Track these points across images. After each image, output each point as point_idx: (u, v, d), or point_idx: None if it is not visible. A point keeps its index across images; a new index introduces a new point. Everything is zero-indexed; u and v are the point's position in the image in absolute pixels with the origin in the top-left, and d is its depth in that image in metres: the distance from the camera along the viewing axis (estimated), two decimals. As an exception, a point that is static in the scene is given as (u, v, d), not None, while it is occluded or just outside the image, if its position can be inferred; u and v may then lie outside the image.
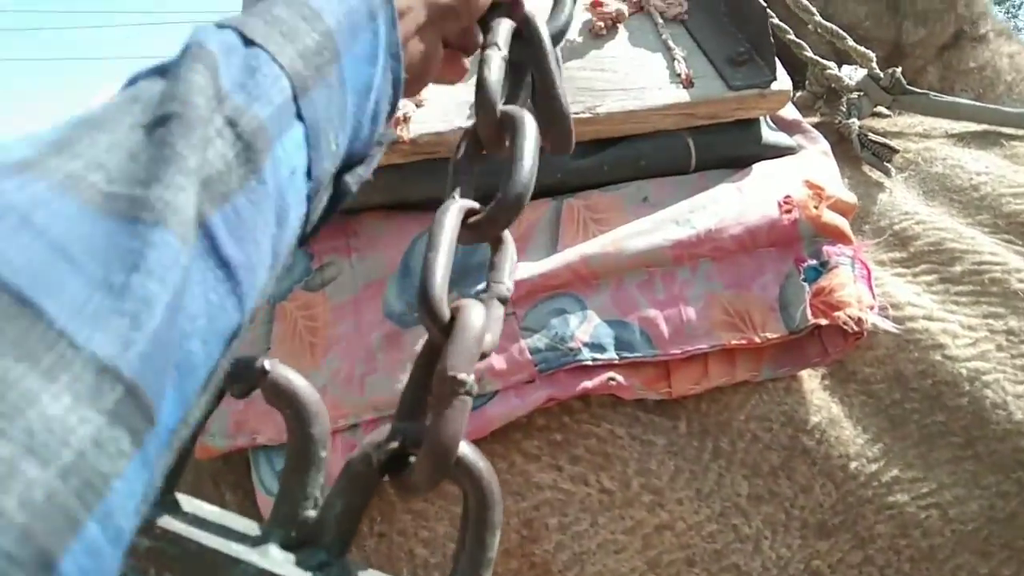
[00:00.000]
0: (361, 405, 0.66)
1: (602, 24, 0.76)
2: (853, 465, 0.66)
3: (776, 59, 0.72)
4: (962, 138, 0.82)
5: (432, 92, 0.70)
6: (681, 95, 0.71)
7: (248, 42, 0.31)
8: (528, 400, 0.65)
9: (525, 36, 0.51)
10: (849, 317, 0.63)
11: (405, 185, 0.71)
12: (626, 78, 0.72)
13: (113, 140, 0.25)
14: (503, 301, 0.44)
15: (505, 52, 0.49)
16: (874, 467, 0.66)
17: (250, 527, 0.38)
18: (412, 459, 0.37)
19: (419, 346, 0.43)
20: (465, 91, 0.70)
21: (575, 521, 0.65)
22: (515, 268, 0.48)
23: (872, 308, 0.64)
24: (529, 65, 0.52)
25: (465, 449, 0.36)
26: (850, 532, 0.66)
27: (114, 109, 0.27)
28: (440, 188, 0.69)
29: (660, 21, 0.77)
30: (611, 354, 0.65)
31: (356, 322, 0.69)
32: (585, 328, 0.66)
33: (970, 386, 0.66)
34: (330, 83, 0.34)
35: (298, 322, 0.70)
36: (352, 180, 0.41)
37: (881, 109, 0.84)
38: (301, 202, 0.33)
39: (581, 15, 0.78)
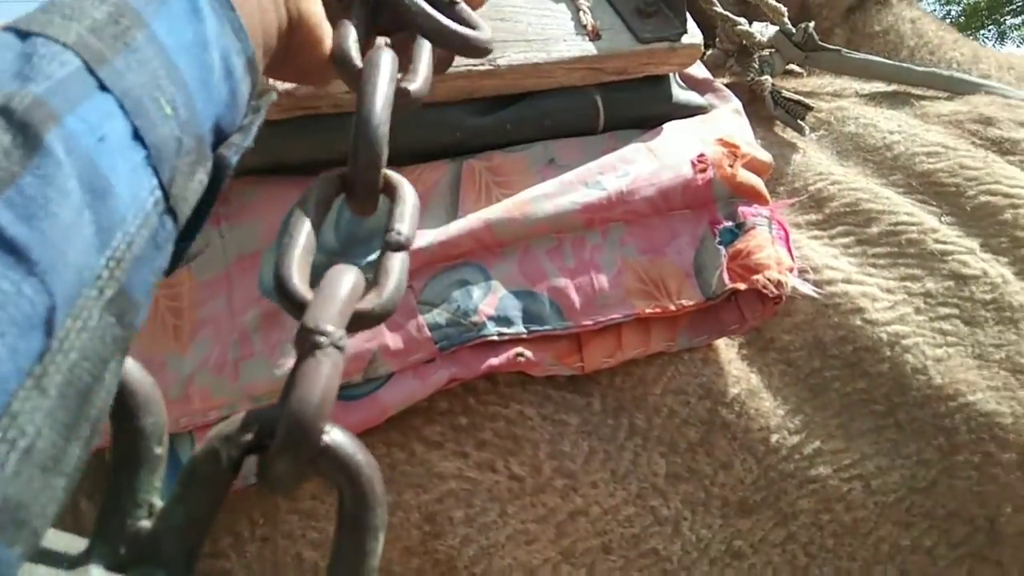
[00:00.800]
0: (236, 394, 0.58)
1: (501, -28, 0.70)
2: (774, 438, 0.62)
3: (686, 12, 0.68)
4: (873, 97, 0.80)
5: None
6: (588, 48, 0.66)
7: (23, 35, 0.29)
8: (428, 382, 0.58)
9: None
10: (768, 281, 0.59)
11: (282, 145, 0.63)
12: (529, 29, 0.66)
13: None
14: (399, 248, 0.38)
15: None
16: (795, 439, 0.62)
17: (73, 544, 0.30)
18: None
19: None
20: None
21: (482, 512, 0.59)
22: (416, 215, 0.42)
23: (792, 271, 0.61)
24: None
25: (337, 436, 0.30)
26: (772, 509, 0.63)
27: None
28: (322, 148, 0.62)
29: (564, -31, 0.72)
30: (519, 328, 0.59)
31: (228, 300, 0.60)
32: (490, 300, 0.60)
33: (890, 351, 0.64)
34: (137, 47, 0.32)
35: (159, 303, 0.61)
36: (229, 152, 0.37)
37: (793, 67, 0.81)
38: (135, 168, 0.30)
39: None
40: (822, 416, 0.64)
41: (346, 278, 0.34)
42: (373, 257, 0.60)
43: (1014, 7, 8.39)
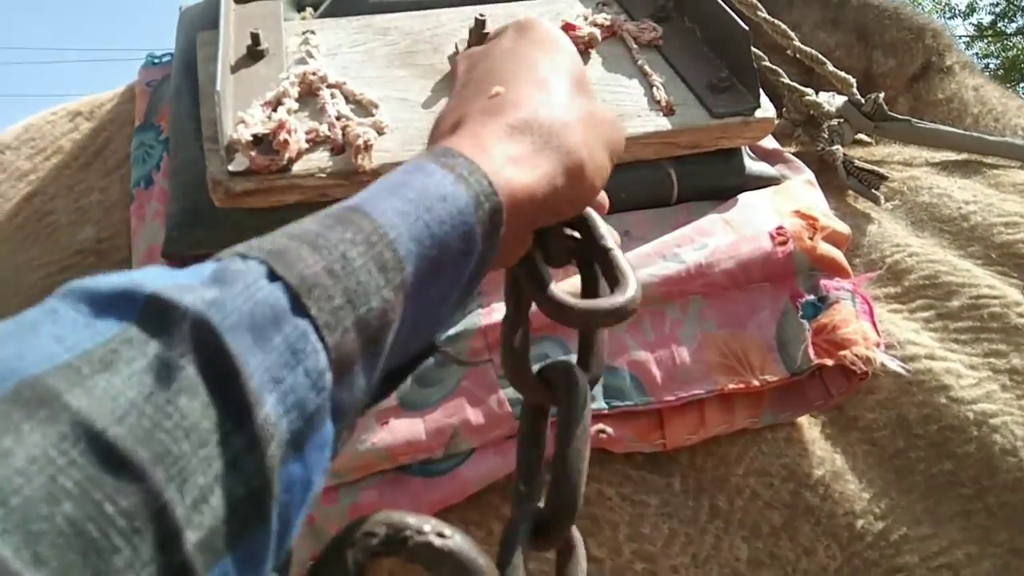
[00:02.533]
0: None
1: (574, 48, 0.71)
2: (859, 523, 0.60)
3: (759, 87, 0.68)
4: (944, 167, 0.79)
5: (394, 118, 0.63)
6: (662, 123, 0.66)
7: (296, 304, 0.25)
8: (510, 459, 0.57)
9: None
10: (856, 357, 0.58)
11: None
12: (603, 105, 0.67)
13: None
14: None
15: None
16: (881, 525, 0.60)
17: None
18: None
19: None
20: (430, 118, 0.64)
21: (564, 596, 0.57)
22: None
23: (878, 346, 0.60)
24: None
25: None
26: (859, 598, 0.60)
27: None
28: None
29: (634, 46, 0.73)
30: (600, 403, 0.58)
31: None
32: (570, 375, 0.59)
33: (978, 431, 0.62)
34: (381, 351, 0.28)
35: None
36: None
37: (862, 137, 0.81)
38: (325, 460, 0.27)
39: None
40: (907, 500, 0.62)
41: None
42: None
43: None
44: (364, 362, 0.27)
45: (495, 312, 0.61)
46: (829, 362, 0.58)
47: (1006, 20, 9.25)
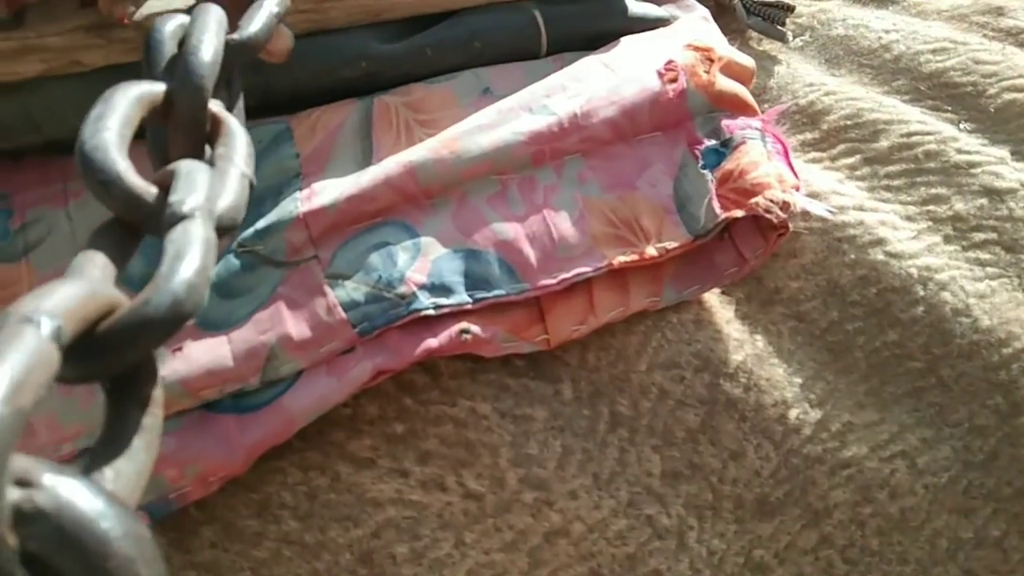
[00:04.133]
0: (94, 418, 0.44)
1: None
2: (793, 414, 0.49)
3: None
4: (858, -1, 0.68)
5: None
6: (519, -50, 0.53)
7: None
8: (347, 378, 0.44)
9: None
10: (772, 202, 0.46)
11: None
12: (441, -70, 0.53)
13: None
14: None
15: None
16: (818, 414, 0.49)
17: None
18: None
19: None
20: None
21: (433, 544, 0.45)
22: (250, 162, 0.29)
23: (797, 189, 0.48)
24: None
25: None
26: (799, 506, 0.49)
27: None
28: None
29: None
30: (461, 296, 0.46)
31: (77, 297, 0.46)
32: (420, 265, 0.46)
33: (923, 290, 0.51)
34: None
35: (-9, 309, 0.46)
36: None
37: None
38: None
39: None
40: (847, 381, 0.51)
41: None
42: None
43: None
44: None
45: (318, 195, 0.47)
46: (739, 213, 0.47)
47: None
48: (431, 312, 0.45)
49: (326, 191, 0.47)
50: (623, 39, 0.55)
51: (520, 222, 0.48)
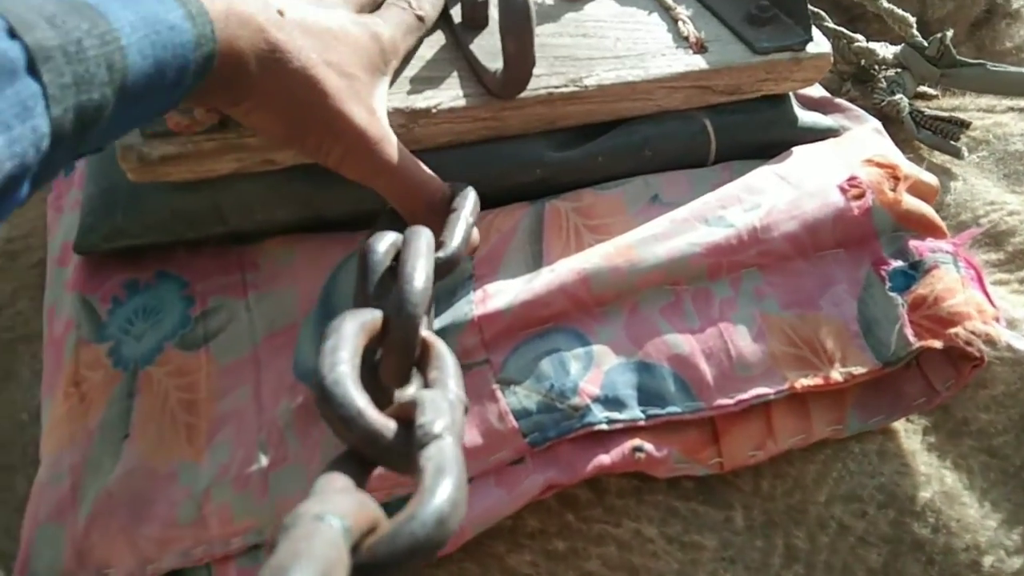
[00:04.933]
0: (265, 514, 0.44)
1: (577, -18, 0.58)
2: (988, 562, 0.45)
3: (810, 16, 0.55)
4: (1034, 114, 0.65)
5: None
6: (694, 62, 0.53)
7: (31, 66, 0.26)
8: (517, 491, 0.43)
9: None
10: (972, 334, 0.44)
11: (320, 196, 0.50)
12: (618, 44, 0.54)
13: None
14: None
15: None
16: (1018, 562, 0.45)
17: None
18: None
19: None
20: (407, 67, 0.51)
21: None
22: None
23: (998, 320, 0.45)
24: None
25: None
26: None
27: None
28: (368, 198, 0.50)
29: (651, -23, 0.60)
30: (634, 412, 0.44)
31: (255, 389, 0.47)
32: (593, 376, 0.45)
33: None
34: (80, 146, 0.30)
35: (170, 395, 0.47)
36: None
37: (925, 89, 0.68)
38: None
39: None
40: None
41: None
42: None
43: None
44: (65, 150, 0.28)
45: (492, 298, 0.47)
46: (937, 344, 0.44)
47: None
48: (604, 426, 0.44)
49: (500, 295, 0.47)
50: (795, 149, 0.54)
51: (695, 336, 0.46)
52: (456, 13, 0.54)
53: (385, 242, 0.36)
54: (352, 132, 0.40)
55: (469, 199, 0.43)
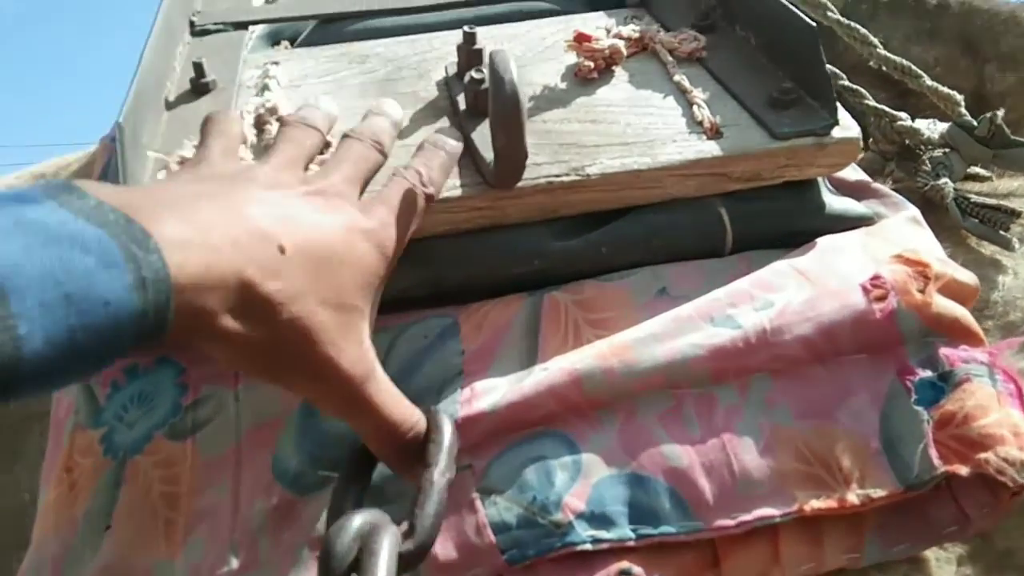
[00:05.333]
0: None
1: (591, 65, 0.57)
2: None
3: (836, 99, 0.52)
4: (1098, 201, 0.60)
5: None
6: (707, 148, 0.50)
7: None
8: (494, 613, 0.40)
9: None
10: (1005, 462, 0.39)
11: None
12: (627, 130, 0.52)
13: None
14: None
15: None
16: None
17: None
18: None
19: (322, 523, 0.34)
20: (405, 152, 0.50)
21: None
22: None
23: (1037, 445, 0.40)
24: None
25: None
26: None
27: None
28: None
29: (670, 59, 0.58)
30: (623, 531, 0.41)
31: (232, 486, 0.45)
32: (579, 488, 0.42)
33: None
34: None
35: (153, 487, 0.46)
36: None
37: (976, 170, 0.63)
38: None
39: (563, 55, 0.59)
40: None
41: None
42: None
43: None
44: None
45: (478, 398, 0.44)
46: (963, 470, 0.39)
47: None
48: (588, 547, 0.40)
49: (487, 395, 0.45)
50: (820, 240, 0.50)
51: (695, 447, 0.43)
52: (462, 100, 0.54)
53: (347, 535, 0.33)
54: (336, 377, 0.36)
55: (444, 441, 0.39)
